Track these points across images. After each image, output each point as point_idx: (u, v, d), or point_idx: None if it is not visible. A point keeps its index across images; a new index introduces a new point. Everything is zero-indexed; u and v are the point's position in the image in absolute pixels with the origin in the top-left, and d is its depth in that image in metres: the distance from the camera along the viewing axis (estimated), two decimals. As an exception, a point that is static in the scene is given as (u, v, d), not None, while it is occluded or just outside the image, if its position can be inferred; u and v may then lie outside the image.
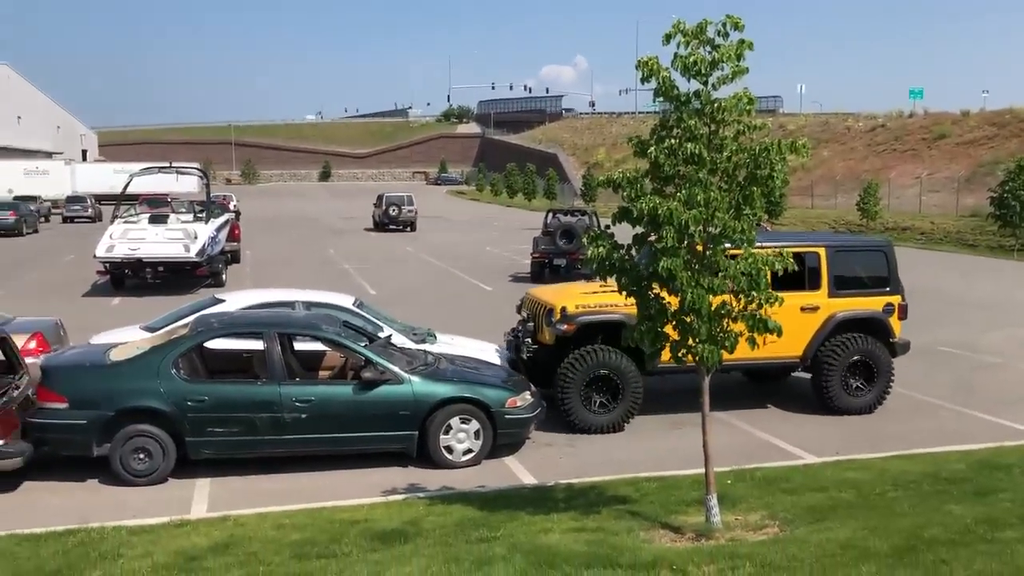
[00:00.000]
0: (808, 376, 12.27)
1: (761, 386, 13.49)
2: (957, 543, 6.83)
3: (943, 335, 17.38)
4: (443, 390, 9.79)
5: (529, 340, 11.80)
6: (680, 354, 7.31)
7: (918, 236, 40.73)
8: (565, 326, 11.17)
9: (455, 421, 9.73)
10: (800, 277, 10.95)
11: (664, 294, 7.27)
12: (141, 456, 9.13)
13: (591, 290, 11.48)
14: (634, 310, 8.25)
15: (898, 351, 12.18)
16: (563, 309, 11.22)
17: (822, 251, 11.84)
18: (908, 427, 11.40)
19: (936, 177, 52.65)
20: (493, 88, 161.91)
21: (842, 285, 11.88)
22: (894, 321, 12.10)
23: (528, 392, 10.32)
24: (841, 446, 10.47)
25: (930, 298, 22.96)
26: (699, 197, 6.92)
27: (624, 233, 7.35)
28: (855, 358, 11.79)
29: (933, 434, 10.99)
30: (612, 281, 7.52)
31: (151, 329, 11.55)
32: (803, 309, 11.51)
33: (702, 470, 7.63)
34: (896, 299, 12.11)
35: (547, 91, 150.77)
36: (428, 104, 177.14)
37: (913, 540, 6.90)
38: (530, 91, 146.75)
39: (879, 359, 11.89)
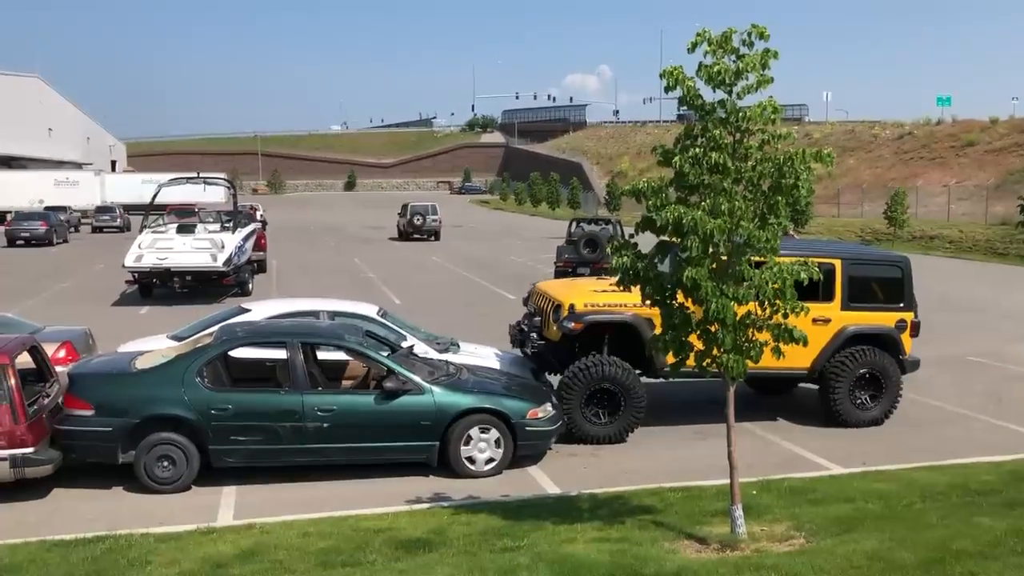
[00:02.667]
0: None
1: (768, 398, 13.30)
2: (987, 556, 6.76)
3: (973, 345, 17.20)
4: (464, 401, 9.80)
5: (535, 335, 11.69)
6: (705, 364, 7.29)
7: (947, 244, 40.33)
8: (573, 324, 11.02)
9: (475, 431, 9.73)
10: (814, 288, 10.79)
11: (688, 303, 7.25)
12: (165, 464, 9.21)
13: (601, 288, 11.40)
14: (643, 310, 8.17)
15: (907, 368, 12.00)
16: (571, 307, 11.10)
17: (838, 263, 11.63)
18: (936, 438, 11.28)
19: (965, 185, 52.09)
20: (517, 98, 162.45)
21: (856, 298, 11.71)
22: (905, 338, 11.92)
23: (550, 404, 10.31)
24: (868, 457, 10.38)
25: (960, 307, 22.73)
26: (724, 206, 6.91)
27: (647, 242, 7.35)
28: (863, 371, 11.64)
29: (962, 445, 10.86)
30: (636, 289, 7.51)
31: (178, 338, 11.66)
32: (815, 321, 11.26)
33: (727, 480, 7.59)
34: (909, 316, 11.92)
35: (571, 100, 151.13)
36: (452, 114, 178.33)
37: (941, 552, 6.84)
38: (554, 100, 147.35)
39: (888, 373, 11.71)
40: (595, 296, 11.27)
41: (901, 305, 11.93)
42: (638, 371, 11.20)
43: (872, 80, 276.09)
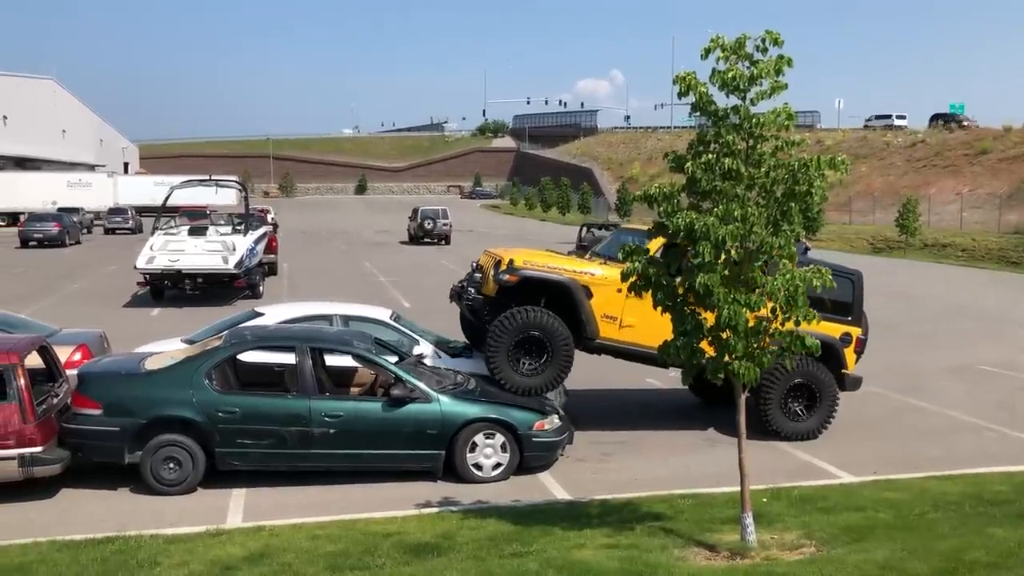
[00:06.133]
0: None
1: (710, 410, 12.78)
2: (999, 566, 6.70)
3: (984, 354, 17.11)
4: (471, 410, 9.77)
5: (472, 289, 11.65)
6: (716, 371, 7.27)
7: (959, 253, 40.21)
8: (507, 276, 10.90)
9: (480, 438, 9.71)
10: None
11: (700, 310, 7.22)
12: (171, 465, 9.21)
13: (551, 254, 11.48)
14: (582, 277, 8.75)
15: (848, 385, 11.82)
16: (510, 261, 11.03)
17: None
18: (948, 447, 11.21)
19: (977, 193, 51.91)
20: (528, 103, 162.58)
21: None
22: (849, 353, 11.75)
23: (556, 416, 10.29)
24: (879, 465, 10.32)
25: (971, 316, 22.64)
26: (736, 212, 6.89)
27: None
28: (797, 380, 11.40)
29: (974, 455, 10.80)
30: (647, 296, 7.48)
31: (192, 342, 11.67)
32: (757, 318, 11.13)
33: (737, 488, 7.56)
34: (855, 331, 11.75)
35: (582, 105, 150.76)
36: (463, 118, 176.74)
37: (954, 563, 6.78)
38: (565, 105, 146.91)
39: (823, 385, 11.48)
40: (538, 257, 11.26)
41: (849, 319, 11.74)
42: None
43: (885, 87, 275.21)
